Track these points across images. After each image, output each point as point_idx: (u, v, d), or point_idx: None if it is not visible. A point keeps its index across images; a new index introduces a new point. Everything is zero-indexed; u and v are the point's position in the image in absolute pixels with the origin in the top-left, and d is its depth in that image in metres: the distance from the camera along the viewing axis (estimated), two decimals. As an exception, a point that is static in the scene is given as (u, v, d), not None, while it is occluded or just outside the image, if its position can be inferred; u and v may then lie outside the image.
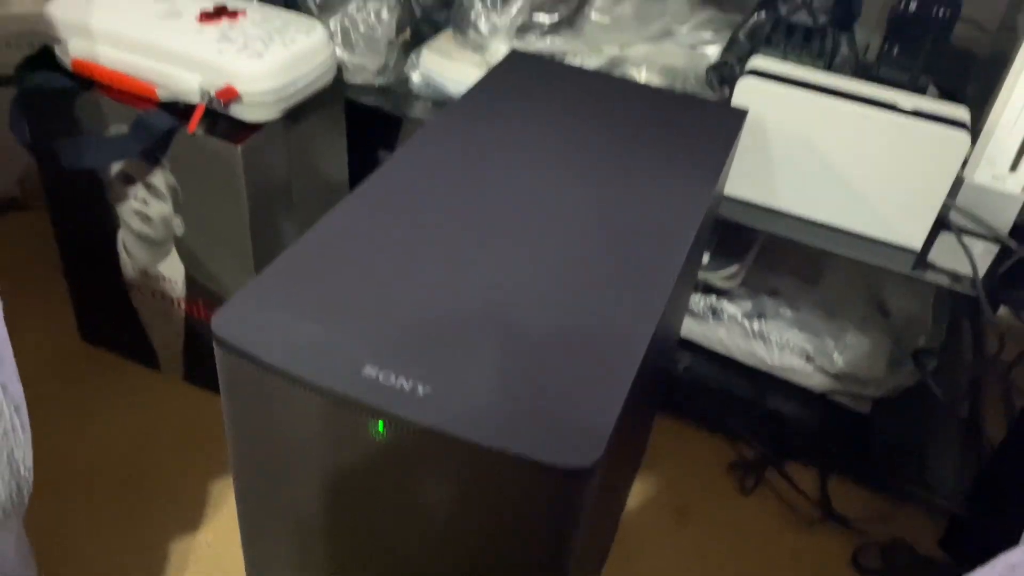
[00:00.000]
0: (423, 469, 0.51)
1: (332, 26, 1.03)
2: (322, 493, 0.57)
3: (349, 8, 1.04)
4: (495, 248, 0.62)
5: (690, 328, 1.13)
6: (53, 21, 0.89)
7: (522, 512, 0.51)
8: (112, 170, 0.93)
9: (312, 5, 1.05)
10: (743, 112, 0.85)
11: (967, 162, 0.86)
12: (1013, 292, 0.86)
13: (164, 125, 0.87)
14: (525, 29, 1.00)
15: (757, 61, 0.89)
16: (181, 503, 0.96)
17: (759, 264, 1.13)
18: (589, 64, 1.01)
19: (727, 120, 0.84)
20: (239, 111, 0.87)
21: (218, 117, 0.88)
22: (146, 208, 0.95)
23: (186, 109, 0.87)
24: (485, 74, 0.86)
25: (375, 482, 0.54)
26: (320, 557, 0.61)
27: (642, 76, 1.00)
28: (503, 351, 0.53)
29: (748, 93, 0.87)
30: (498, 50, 1.00)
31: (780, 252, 1.14)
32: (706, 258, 1.07)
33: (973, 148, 0.85)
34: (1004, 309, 0.93)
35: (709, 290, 1.12)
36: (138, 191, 0.94)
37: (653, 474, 1.05)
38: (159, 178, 0.91)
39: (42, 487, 0.64)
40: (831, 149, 0.87)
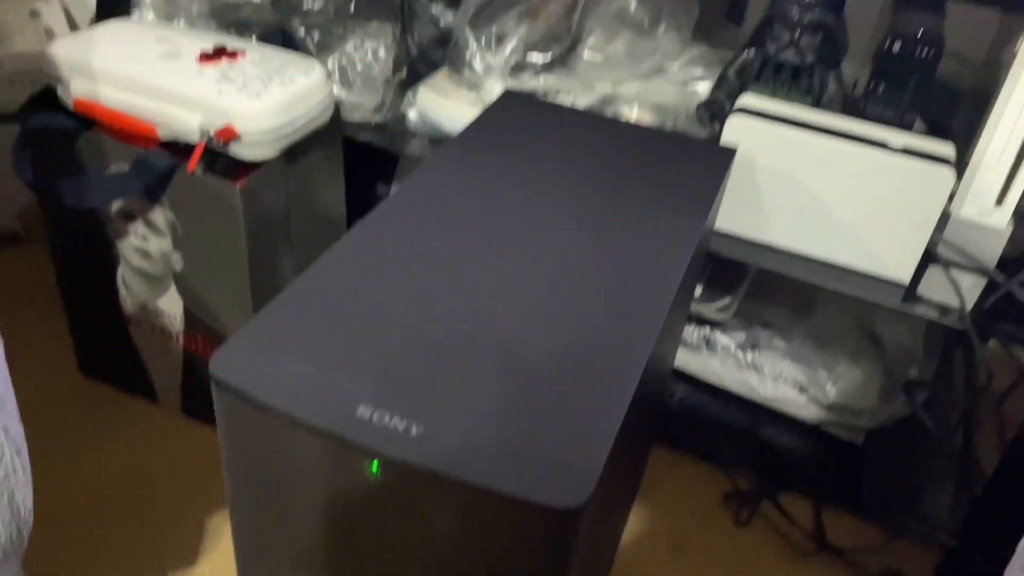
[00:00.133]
0: (417, 508, 0.52)
1: (330, 65, 1.05)
2: (317, 531, 0.57)
3: (347, 47, 1.06)
4: (489, 284, 0.63)
5: (684, 359, 1.14)
6: (55, 61, 0.91)
7: (515, 550, 0.52)
8: (112, 207, 0.95)
9: (310, 45, 1.06)
10: (732, 150, 0.87)
11: (954, 197, 0.87)
12: (1001, 324, 0.87)
13: (164, 164, 0.88)
14: (519, 68, 1.02)
15: (746, 99, 0.91)
16: (179, 536, 0.97)
17: (751, 296, 1.14)
18: (582, 101, 1.02)
19: (716, 158, 0.85)
20: (238, 150, 0.88)
21: (217, 156, 0.89)
22: (146, 244, 0.96)
23: (186, 148, 0.88)
24: (480, 113, 0.87)
25: (370, 520, 0.55)
26: (316, 594, 0.62)
27: (634, 113, 1.01)
28: (496, 388, 0.54)
29: (737, 130, 0.88)
30: (493, 89, 1.01)
31: (772, 284, 1.15)
32: (699, 290, 1.09)
33: (959, 183, 0.86)
34: (994, 341, 0.94)
35: (702, 321, 1.13)
36: (138, 227, 0.95)
37: (648, 505, 1.05)
38: (159, 215, 0.93)
39: (40, 520, 0.64)
40: (819, 184, 0.88)
